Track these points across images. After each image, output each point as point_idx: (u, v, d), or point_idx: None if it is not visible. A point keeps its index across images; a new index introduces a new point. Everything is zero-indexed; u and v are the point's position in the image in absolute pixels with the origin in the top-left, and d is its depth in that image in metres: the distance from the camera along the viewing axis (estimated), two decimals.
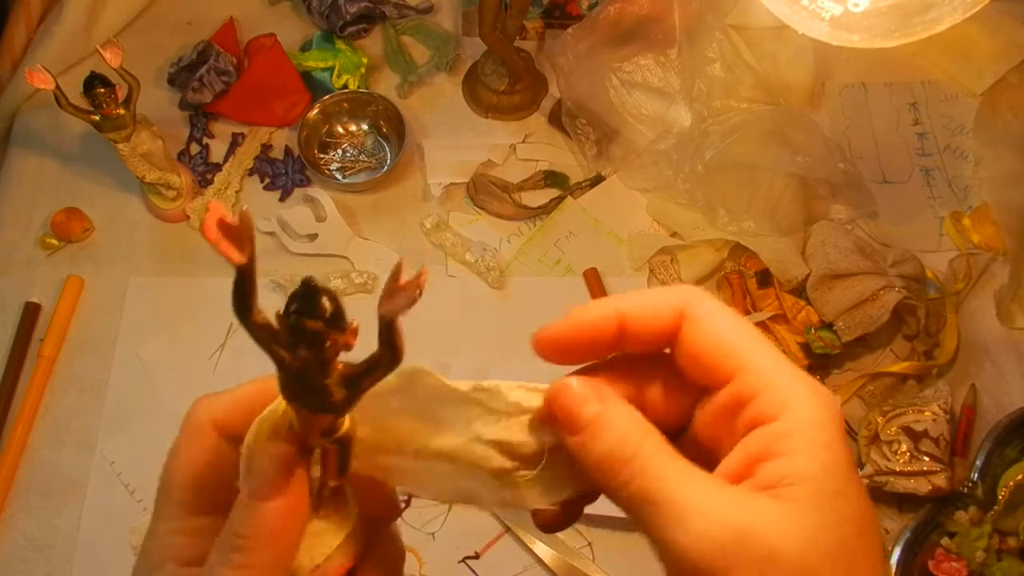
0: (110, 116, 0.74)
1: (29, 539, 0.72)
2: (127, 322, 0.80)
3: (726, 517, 0.28)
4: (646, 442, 0.30)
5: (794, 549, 0.27)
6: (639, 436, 0.31)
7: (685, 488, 0.29)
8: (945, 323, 0.81)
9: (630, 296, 0.33)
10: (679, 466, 0.30)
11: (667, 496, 0.29)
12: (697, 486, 0.29)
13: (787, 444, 0.29)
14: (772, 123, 0.84)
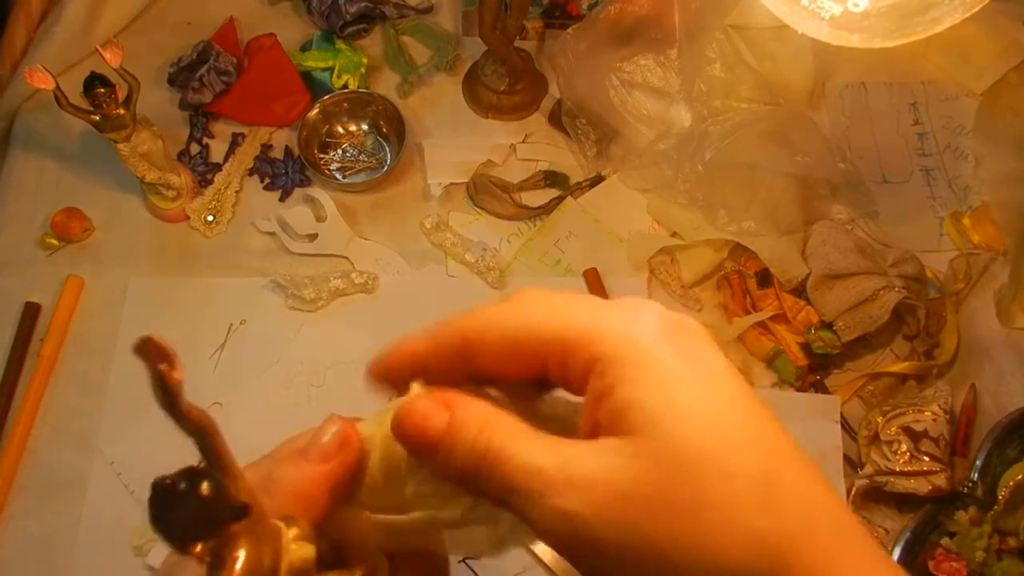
0: (110, 116, 0.74)
1: (29, 539, 0.72)
2: (127, 322, 0.80)
3: (572, 482, 0.27)
4: (500, 428, 0.29)
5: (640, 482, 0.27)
6: (493, 424, 0.30)
7: (536, 461, 0.28)
8: (945, 323, 0.81)
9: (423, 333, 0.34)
10: (530, 441, 0.29)
11: (524, 474, 0.28)
12: (547, 455, 0.28)
13: (602, 384, 0.28)
14: (772, 123, 0.84)
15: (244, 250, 0.84)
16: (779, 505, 0.27)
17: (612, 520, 0.27)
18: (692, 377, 0.28)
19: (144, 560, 0.71)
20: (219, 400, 0.77)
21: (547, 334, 0.30)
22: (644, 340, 0.29)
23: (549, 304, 0.31)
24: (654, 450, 0.27)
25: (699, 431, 0.27)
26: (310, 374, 0.78)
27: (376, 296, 0.82)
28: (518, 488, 0.28)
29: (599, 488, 0.27)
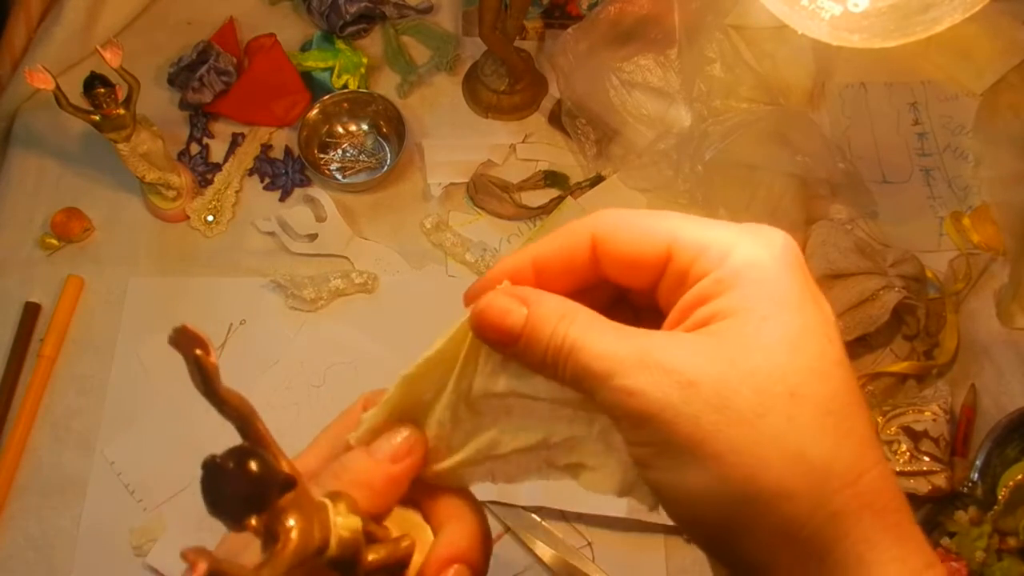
0: (110, 116, 0.74)
1: (29, 539, 0.72)
2: (127, 322, 0.80)
3: (645, 363, 0.28)
4: (575, 324, 0.30)
5: (711, 374, 0.28)
6: (568, 320, 0.31)
7: (610, 347, 0.29)
8: (945, 323, 0.81)
9: (543, 241, 0.34)
10: (606, 331, 0.30)
11: (597, 359, 0.29)
12: (622, 342, 0.29)
13: (715, 288, 0.30)
14: (772, 123, 0.84)
15: (244, 250, 0.84)
16: (835, 438, 0.27)
17: (675, 404, 0.27)
18: (792, 305, 0.29)
19: (144, 560, 0.71)
20: None
21: (685, 239, 0.31)
22: (770, 263, 0.30)
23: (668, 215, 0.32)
24: (731, 353, 0.28)
25: (780, 351, 0.28)
26: (310, 374, 0.78)
27: (376, 296, 0.82)
28: (592, 371, 0.29)
29: (668, 372, 0.28)
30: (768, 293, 0.29)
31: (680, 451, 0.28)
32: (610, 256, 0.33)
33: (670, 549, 0.72)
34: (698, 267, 0.31)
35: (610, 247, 0.32)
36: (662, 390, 0.28)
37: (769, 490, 0.27)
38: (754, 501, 0.27)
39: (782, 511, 0.27)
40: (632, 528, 0.72)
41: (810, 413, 0.27)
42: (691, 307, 0.30)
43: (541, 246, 0.34)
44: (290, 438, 0.81)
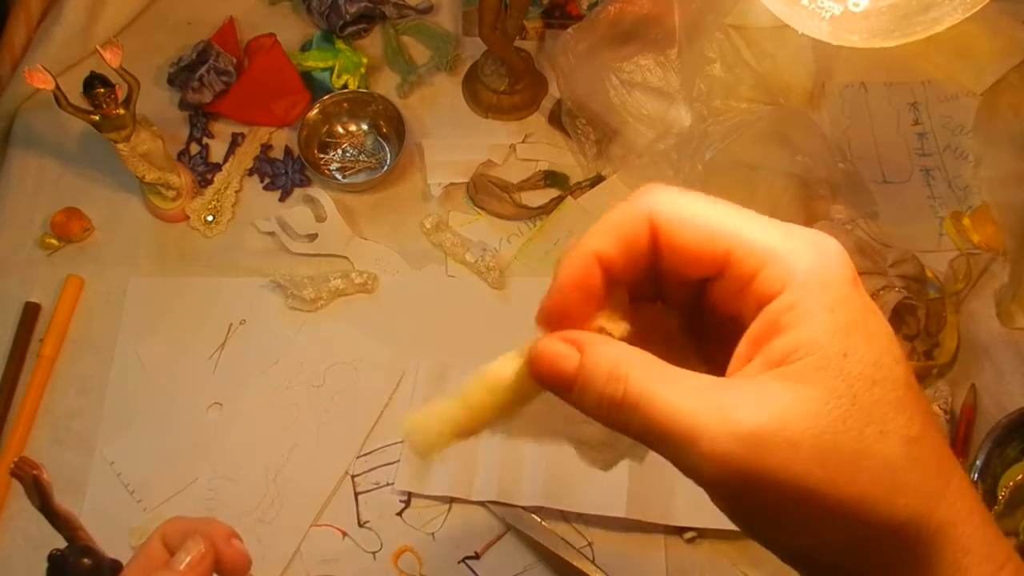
0: (110, 116, 0.74)
1: (29, 539, 0.72)
2: (127, 322, 0.80)
3: (736, 429, 0.27)
4: (633, 371, 0.30)
5: (807, 431, 0.27)
6: (624, 367, 0.30)
7: (687, 406, 0.28)
8: (945, 323, 0.81)
9: (598, 231, 0.32)
10: (674, 384, 0.29)
11: (671, 421, 0.28)
12: (699, 400, 0.28)
13: (791, 317, 0.29)
14: (772, 123, 0.84)
15: (244, 250, 0.84)
16: (922, 461, 0.28)
17: (776, 466, 0.27)
18: (865, 332, 0.29)
19: None
20: (219, 400, 0.77)
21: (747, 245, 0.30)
22: (834, 282, 0.29)
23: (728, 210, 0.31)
24: (821, 401, 0.28)
25: (864, 389, 0.28)
26: (310, 374, 0.78)
27: (376, 296, 0.82)
28: (667, 433, 0.28)
29: (765, 434, 0.27)
30: (843, 322, 0.29)
31: (788, 511, 0.28)
32: (669, 248, 0.31)
33: (670, 549, 0.72)
34: (762, 281, 0.30)
35: (671, 238, 0.31)
36: (758, 455, 0.27)
37: (884, 527, 0.28)
38: (872, 540, 0.28)
39: (896, 538, 0.28)
40: (632, 528, 0.72)
41: (899, 445, 0.28)
42: (764, 338, 0.29)
43: (601, 240, 0.32)
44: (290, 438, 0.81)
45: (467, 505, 0.74)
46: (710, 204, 0.31)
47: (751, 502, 0.28)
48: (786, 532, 0.29)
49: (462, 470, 0.74)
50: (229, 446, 0.75)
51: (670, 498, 0.72)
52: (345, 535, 0.73)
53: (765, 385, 0.28)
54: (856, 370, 0.28)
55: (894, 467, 0.28)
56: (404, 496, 0.75)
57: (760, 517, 0.29)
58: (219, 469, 0.74)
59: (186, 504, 0.73)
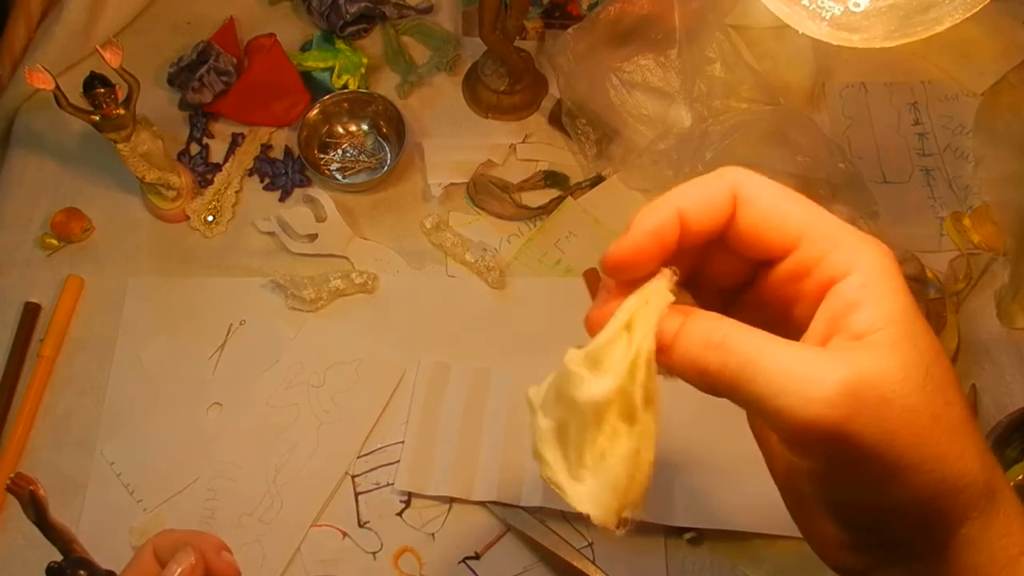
0: (110, 116, 0.74)
1: (29, 539, 0.72)
2: (127, 322, 0.80)
3: (834, 377, 0.30)
4: (728, 325, 0.32)
5: (898, 387, 0.30)
6: (722, 323, 0.32)
7: (784, 359, 0.31)
8: (945, 323, 0.81)
9: (685, 191, 0.34)
10: (770, 341, 0.31)
11: (769, 368, 0.31)
12: (794, 355, 0.31)
13: (866, 294, 0.31)
14: (772, 123, 0.84)
15: (244, 250, 0.84)
16: (977, 438, 0.32)
17: (872, 419, 0.30)
18: (920, 318, 0.32)
19: None
20: (219, 400, 0.77)
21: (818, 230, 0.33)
22: (893, 272, 0.32)
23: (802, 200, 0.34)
24: (907, 366, 0.31)
25: (934, 361, 0.31)
26: (310, 374, 0.78)
27: (376, 296, 0.82)
28: (772, 381, 0.30)
29: (864, 387, 0.30)
30: (908, 305, 0.32)
31: (878, 463, 0.30)
32: (746, 222, 0.34)
33: (670, 549, 0.72)
34: (829, 264, 0.32)
35: (750, 212, 0.33)
36: (857, 406, 0.30)
37: (957, 483, 0.31)
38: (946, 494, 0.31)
39: (966, 494, 0.32)
40: (632, 528, 0.72)
41: (960, 416, 0.32)
42: (840, 314, 0.32)
43: (687, 197, 0.34)
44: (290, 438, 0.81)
45: (467, 505, 0.74)
46: (788, 193, 0.34)
47: (846, 452, 0.30)
48: (871, 486, 0.31)
49: (462, 470, 0.74)
50: (229, 446, 0.75)
51: (670, 498, 0.72)
52: (345, 535, 0.73)
53: (855, 351, 0.31)
54: (925, 347, 0.31)
55: (961, 433, 0.31)
56: (404, 496, 0.75)
57: (850, 470, 0.31)
58: (219, 469, 0.74)
59: (186, 504, 0.73)
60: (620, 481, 0.33)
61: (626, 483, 0.33)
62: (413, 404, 0.77)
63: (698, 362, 0.32)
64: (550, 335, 0.81)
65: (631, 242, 0.33)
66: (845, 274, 0.32)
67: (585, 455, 0.33)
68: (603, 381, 0.33)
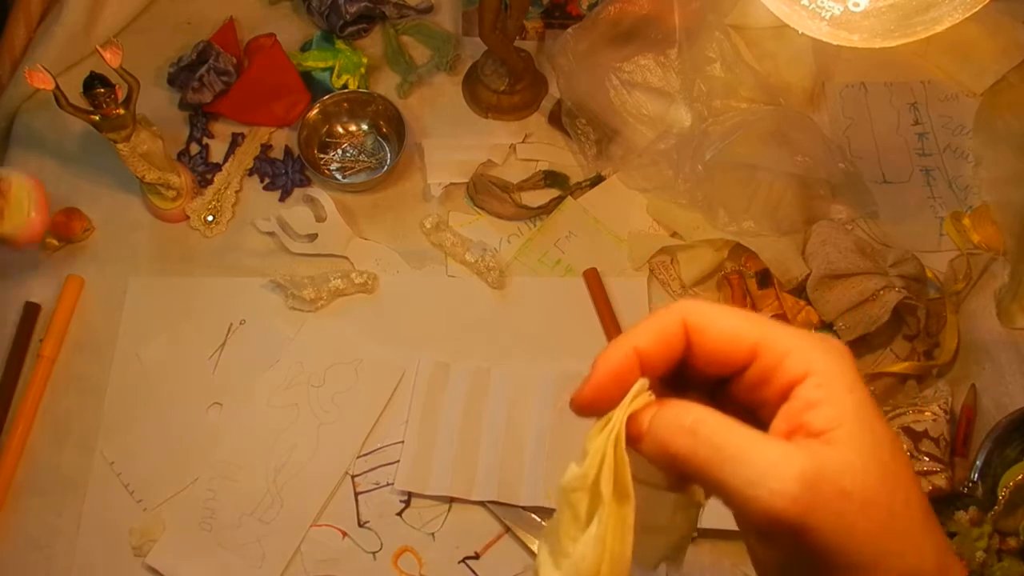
0: (110, 116, 0.74)
1: (29, 539, 0.72)
2: (127, 322, 0.80)
3: (796, 469, 0.31)
4: (699, 411, 0.33)
5: (858, 481, 0.31)
6: (692, 409, 0.34)
7: (749, 448, 0.32)
8: (945, 323, 0.81)
9: (639, 331, 0.36)
10: (737, 429, 0.33)
11: (735, 458, 0.32)
12: (759, 445, 0.32)
13: (822, 394, 0.33)
14: (772, 123, 0.84)
15: (244, 250, 0.84)
16: (936, 536, 0.33)
17: (832, 512, 0.30)
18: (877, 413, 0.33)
19: (144, 560, 0.71)
20: (219, 400, 0.77)
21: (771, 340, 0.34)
22: (847, 370, 0.34)
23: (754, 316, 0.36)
24: (865, 461, 0.32)
25: (890, 458, 0.32)
26: (310, 374, 0.78)
27: (376, 296, 0.82)
28: (734, 470, 0.31)
29: (824, 479, 0.31)
30: (863, 401, 0.33)
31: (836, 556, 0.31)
32: (701, 347, 0.36)
33: None
34: (786, 370, 0.34)
35: (703, 338, 0.36)
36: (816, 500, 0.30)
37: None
38: None
39: None
40: None
41: (918, 512, 0.32)
42: (799, 413, 0.33)
43: (640, 337, 0.36)
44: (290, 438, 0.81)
45: (467, 505, 0.74)
46: (736, 313, 0.36)
47: (806, 545, 0.31)
48: None
49: (462, 470, 0.74)
50: (229, 446, 0.75)
51: None
52: (345, 535, 0.73)
53: (814, 446, 0.32)
54: (882, 443, 0.32)
55: (919, 524, 0.32)
56: (404, 496, 0.75)
57: (810, 561, 0.32)
58: (219, 469, 0.74)
59: (186, 504, 0.73)
60: (587, 567, 0.34)
61: (593, 568, 0.34)
62: (413, 404, 0.77)
63: (669, 446, 0.33)
64: (550, 335, 0.81)
65: (593, 386, 0.36)
66: (802, 377, 0.33)
67: (563, 541, 0.35)
68: (574, 468, 0.35)
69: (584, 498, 0.34)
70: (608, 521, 0.34)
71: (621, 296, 0.82)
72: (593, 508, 0.34)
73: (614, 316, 0.81)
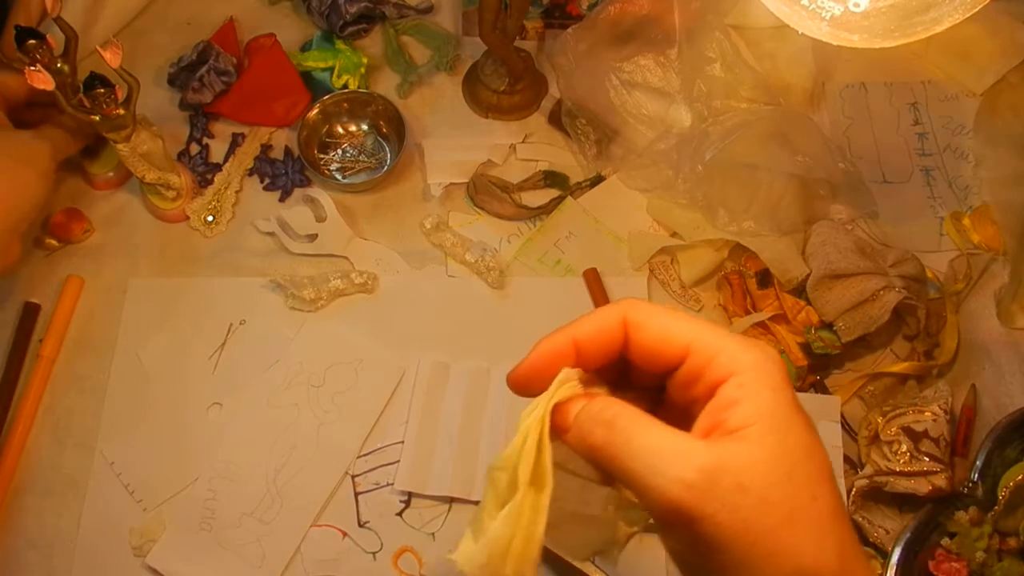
0: (110, 116, 0.74)
1: (29, 539, 0.72)
2: (127, 322, 0.80)
3: (697, 461, 0.32)
4: (620, 407, 0.35)
5: (759, 478, 0.32)
6: (614, 404, 0.36)
7: (658, 441, 0.34)
8: (945, 323, 0.81)
9: (580, 323, 0.38)
10: (651, 424, 0.34)
11: (643, 448, 0.34)
12: (668, 438, 0.34)
13: (743, 393, 0.34)
14: (772, 123, 0.84)
15: (244, 250, 0.84)
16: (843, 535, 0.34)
17: (728, 505, 0.32)
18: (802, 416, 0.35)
19: (144, 560, 0.71)
20: (219, 400, 0.77)
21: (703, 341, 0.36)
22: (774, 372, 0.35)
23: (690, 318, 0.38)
24: (772, 458, 0.33)
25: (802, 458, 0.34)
26: (310, 374, 0.78)
27: (376, 296, 0.82)
28: (639, 462, 0.33)
29: (722, 472, 0.32)
30: (784, 402, 0.35)
31: (733, 548, 0.32)
32: (638, 343, 0.38)
33: None
34: (714, 369, 0.35)
35: (640, 335, 0.37)
36: (714, 491, 0.32)
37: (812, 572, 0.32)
38: None
39: None
40: None
41: (828, 514, 0.33)
42: (720, 411, 0.35)
43: (581, 328, 0.38)
44: (290, 438, 0.80)
45: (467, 505, 0.74)
46: (673, 313, 0.38)
47: (701, 535, 0.32)
48: (726, 572, 0.33)
49: (462, 470, 0.74)
50: (229, 446, 0.75)
51: None
52: (345, 535, 0.73)
53: (723, 441, 0.34)
54: (796, 443, 0.34)
55: (824, 527, 0.33)
56: (404, 496, 0.75)
57: (706, 551, 0.33)
58: (219, 469, 0.74)
59: (186, 504, 0.73)
60: (497, 543, 0.35)
61: (503, 547, 0.35)
62: (413, 404, 0.77)
63: (588, 438, 0.35)
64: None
65: (527, 365, 0.39)
66: (726, 377, 0.35)
67: (484, 518, 0.36)
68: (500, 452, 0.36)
69: (504, 478, 0.35)
70: (522, 503, 0.35)
71: (621, 296, 0.82)
72: (512, 489, 0.35)
73: None
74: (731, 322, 0.81)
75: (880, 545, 0.72)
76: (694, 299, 0.83)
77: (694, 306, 0.83)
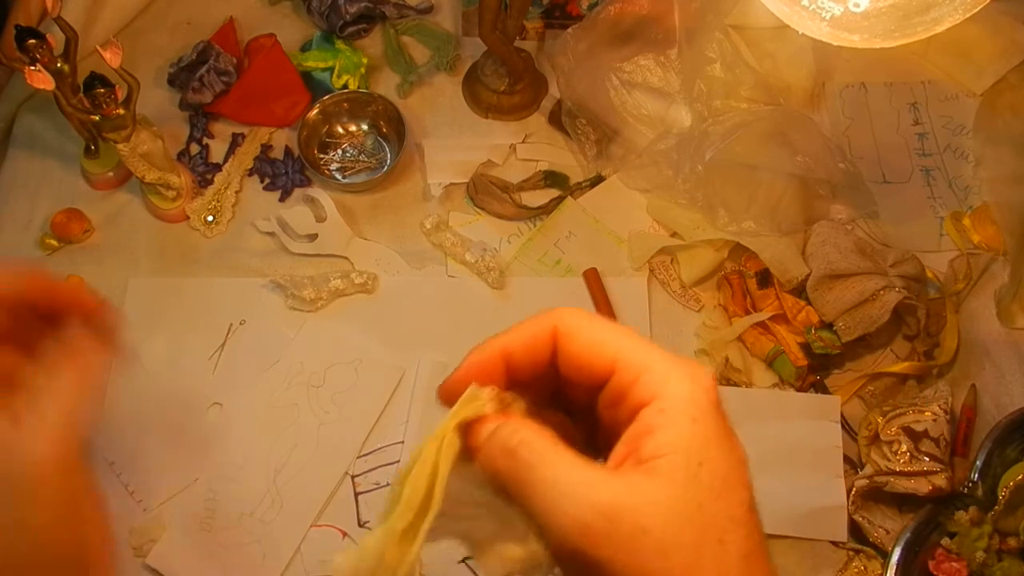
0: (110, 116, 0.74)
1: None
2: (127, 322, 0.80)
3: (596, 499, 0.30)
4: (528, 432, 0.33)
5: (658, 521, 0.30)
6: (522, 430, 0.33)
7: (563, 472, 0.31)
8: (945, 323, 0.81)
9: (511, 332, 0.36)
10: (558, 454, 0.32)
11: (544, 481, 0.31)
12: (573, 470, 0.31)
13: (661, 420, 0.32)
14: (772, 123, 0.84)
15: (244, 250, 0.84)
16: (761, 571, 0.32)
17: (625, 546, 0.30)
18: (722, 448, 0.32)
19: (144, 560, 0.71)
20: (219, 400, 0.77)
21: (628, 359, 0.34)
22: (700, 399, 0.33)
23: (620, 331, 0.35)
24: (675, 495, 0.31)
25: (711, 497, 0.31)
26: (310, 374, 0.78)
27: (376, 296, 0.82)
28: (538, 495, 0.31)
29: (620, 512, 0.30)
30: (704, 434, 0.32)
31: None
32: (566, 354, 0.35)
33: None
34: (639, 389, 0.33)
35: (570, 346, 0.35)
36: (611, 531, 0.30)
37: None
38: None
39: None
40: None
41: (735, 555, 0.31)
42: (636, 439, 0.32)
43: (511, 338, 0.36)
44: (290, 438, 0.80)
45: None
46: (606, 324, 0.35)
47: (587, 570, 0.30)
48: None
49: None
50: (229, 446, 0.75)
51: None
52: (345, 535, 0.73)
53: (629, 475, 0.31)
54: (707, 479, 0.31)
55: (733, 570, 0.31)
56: None
57: None
58: (219, 469, 0.74)
59: (186, 504, 0.73)
60: (369, 551, 0.33)
61: (374, 557, 0.33)
62: (413, 404, 0.77)
63: (493, 464, 0.33)
64: None
65: (455, 377, 0.36)
66: (651, 400, 0.33)
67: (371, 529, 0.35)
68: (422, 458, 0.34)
69: (394, 492, 0.34)
70: (397, 521, 0.33)
71: (621, 296, 0.82)
72: (394, 506, 0.34)
73: (614, 316, 0.81)
74: (731, 322, 0.81)
75: (880, 545, 0.72)
76: (694, 299, 0.83)
77: (694, 306, 0.83)
